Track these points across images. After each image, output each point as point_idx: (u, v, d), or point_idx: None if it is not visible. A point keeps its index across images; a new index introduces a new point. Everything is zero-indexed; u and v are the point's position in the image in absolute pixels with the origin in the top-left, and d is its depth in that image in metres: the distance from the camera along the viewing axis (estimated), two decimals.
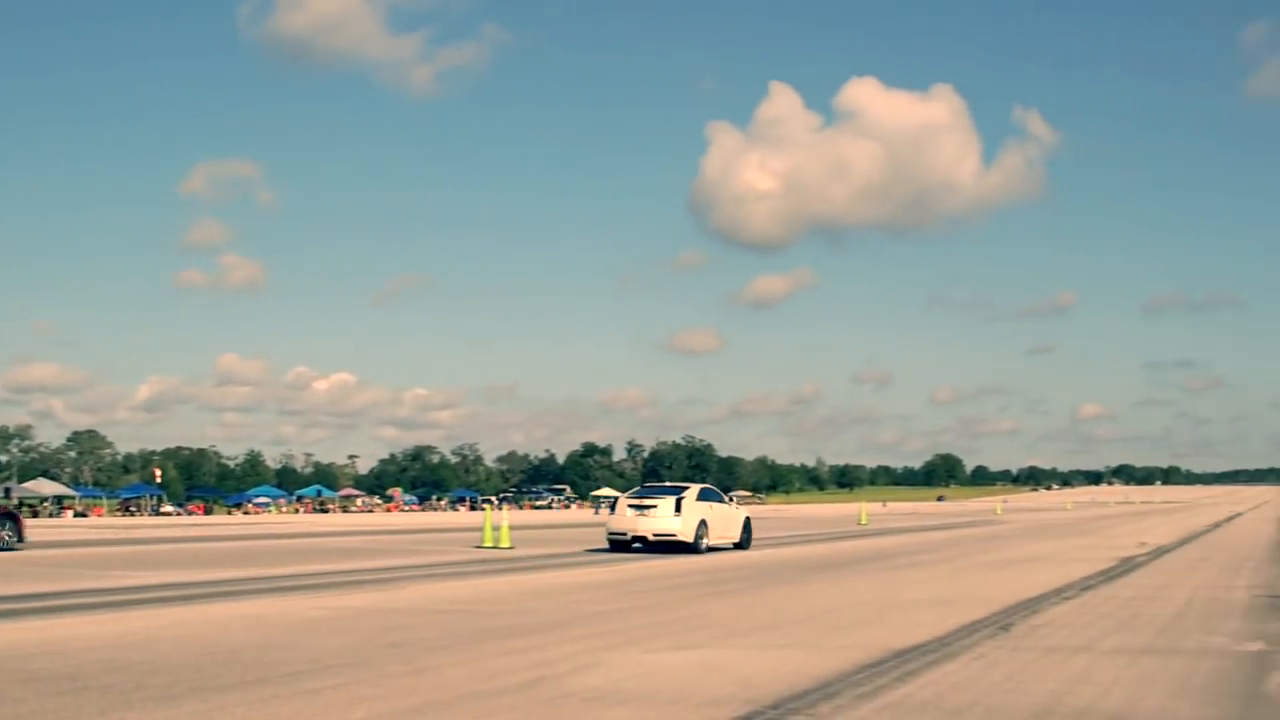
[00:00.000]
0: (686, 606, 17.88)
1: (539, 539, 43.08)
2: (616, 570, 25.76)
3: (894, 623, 15.65)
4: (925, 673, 11.40)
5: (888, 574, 24.96)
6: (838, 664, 11.90)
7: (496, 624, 15.43)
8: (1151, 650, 13.17)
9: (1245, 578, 23.90)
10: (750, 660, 12.25)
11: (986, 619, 16.03)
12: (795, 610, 17.42)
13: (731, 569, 26.37)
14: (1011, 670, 11.59)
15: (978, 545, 38.92)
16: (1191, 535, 47.37)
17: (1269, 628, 15.39)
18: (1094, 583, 22.37)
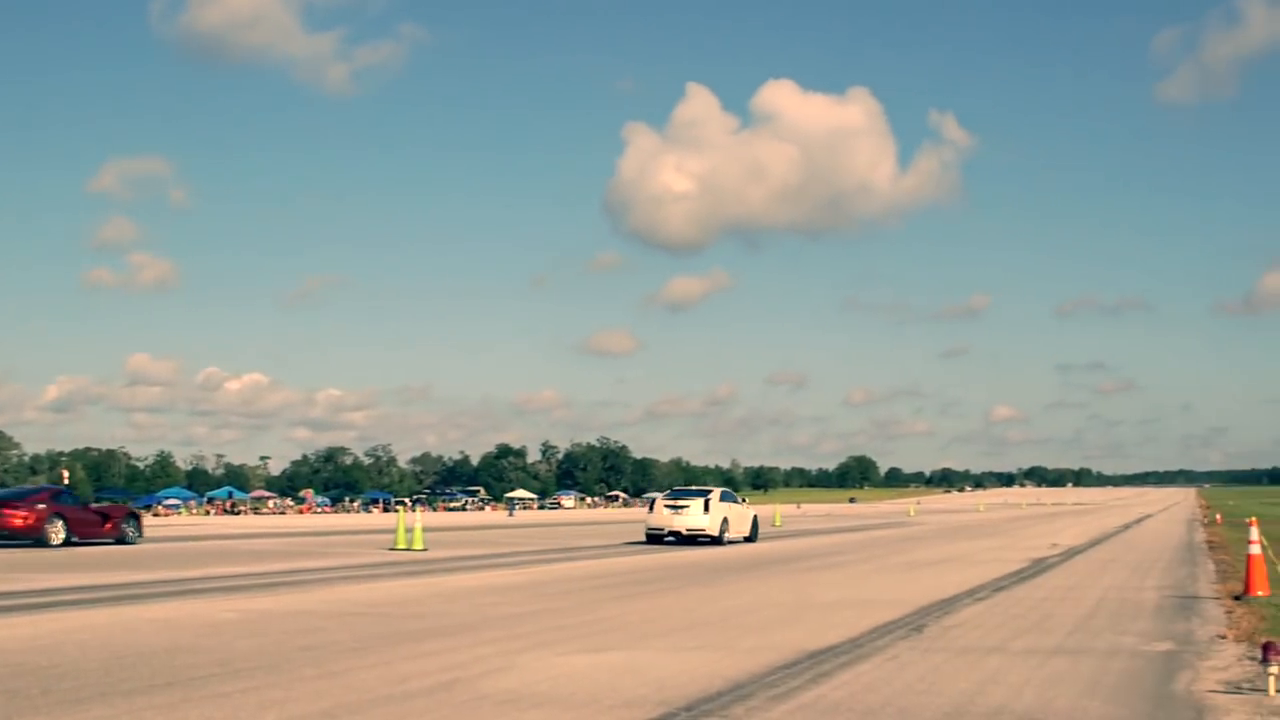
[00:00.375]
0: (600, 609, 17.84)
1: (453, 541, 42.88)
2: (529, 573, 25.68)
3: (808, 624, 15.70)
4: (838, 674, 11.43)
5: (802, 575, 25.04)
6: (751, 665, 11.91)
7: (409, 626, 15.34)
8: (1062, 651, 13.28)
9: (1155, 579, 24.17)
10: (664, 662, 12.23)
11: (900, 620, 16.11)
12: (709, 612, 17.42)
13: (647, 570, 26.37)
14: (924, 671, 11.64)
15: (891, 547, 39.14)
16: (1102, 536, 47.91)
17: (1178, 628, 15.57)
18: (1006, 584, 22.55)
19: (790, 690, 10.49)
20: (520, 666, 11.91)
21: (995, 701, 10.02)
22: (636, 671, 11.59)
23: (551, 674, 11.44)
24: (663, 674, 11.40)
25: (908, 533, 53.31)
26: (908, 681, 11.00)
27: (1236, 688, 10.85)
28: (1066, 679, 11.28)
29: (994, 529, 58.13)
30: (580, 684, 10.85)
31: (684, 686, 10.66)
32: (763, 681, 10.94)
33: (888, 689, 10.58)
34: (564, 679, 11.14)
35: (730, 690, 10.46)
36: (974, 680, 11.11)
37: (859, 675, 11.38)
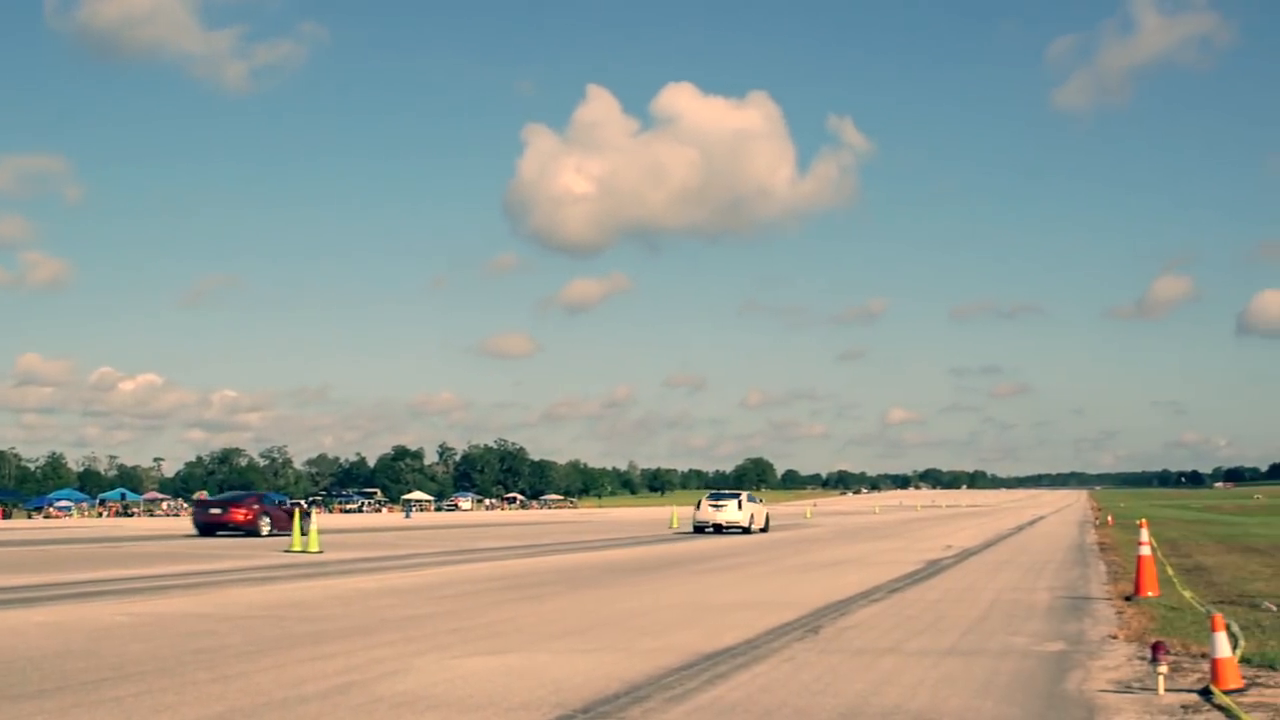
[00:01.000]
0: (496, 611, 17.79)
1: (349, 543, 42.61)
2: (426, 575, 25.55)
3: (705, 626, 15.73)
4: (735, 675, 11.47)
5: (699, 577, 25.08)
6: (648, 667, 11.92)
7: (305, 629, 15.21)
8: (956, 651, 13.40)
9: (1047, 579, 24.44)
10: (560, 664, 12.21)
11: (796, 621, 16.19)
12: (607, 614, 17.42)
13: (545, 572, 26.32)
14: (820, 672, 11.70)
15: (788, 549, 39.31)
16: (996, 538, 48.38)
17: (1069, 628, 15.75)
18: (901, 585, 22.71)
19: (687, 692, 10.50)
20: (417, 669, 11.85)
21: (890, 702, 10.09)
22: (533, 673, 11.56)
23: (448, 676, 11.38)
24: (559, 676, 11.38)
25: (804, 534, 53.56)
26: (804, 682, 11.05)
27: (1127, 687, 10.99)
28: (960, 679, 11.38)
29: (890, 531, 58.56)
30: (477, 686, 10.80)
31: (580, 688, 10.65)
32: (660, 683, 10.95)
33: (784, 690, 10.62)
34: (461, 681, 11.09)
35: (627, 692, 10.46)
36: (869, 681, 11.18)
37: (755, 676, 11.42)
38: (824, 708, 9.80)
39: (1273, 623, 15.82)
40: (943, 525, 68.11)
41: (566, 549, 37.58)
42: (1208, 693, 10.37)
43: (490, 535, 51.66)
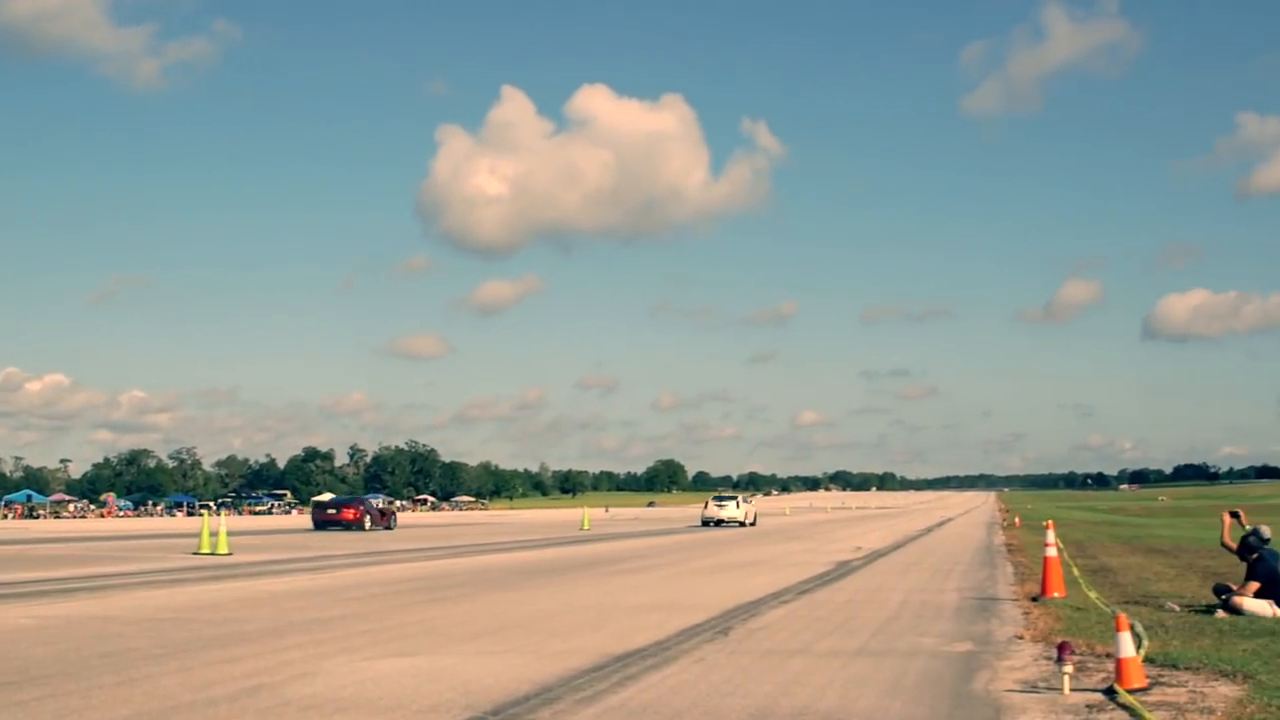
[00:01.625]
0: (405, 613, 17.71)
1: (258, 545, 42.27)
2: (335, 577, 25.40)
3: (615, 627, 15.73)
4: (645, 677, 11.48)
5: (609, 579, 25.09)
6: (558, 669, 11.91)
7: (212, 632, 15.08)
8: (865, 652, 13.48)
9: (955, 581, 24.65)
10: (470, 666, 12.18)
11: (706, 623, 16.22)
12: (516, 616, 17.38)
13: (455, 574, 26.22)
14: (730, 673, 11.73)
15: (699, 550, 39.39)
16: (905, 540, 48.72)
17: (977, 629, 15.89)
18: (811, 587, 22.81)
19: (597, 693, 10.51)
20: (326, 671, 11.78)
21: (799, 702, 10.14)
22: (443, 675, 11.52)
23: (357, 679, 11.32)
24: (469, 678, 11.35)
25: (714, 536, 53.68)
26: (714, 684, 11.08)
27: (1033, 687, 11.11)
28: (869, 680, 11.45)
29: (800, 532, 58.81)
30: (386, 688, 10.75)
31: (490, 690, 10.62)
32: (570, 685, 10.94)
33: (694, 691, 10.64)
34: (370, 683, 11.03)
35: (537, 694, 10.45)
36: (779, 682, 11.23)
37: (665, 678, 11.44)
38: (734, 709, 9.83)
39: (1176, 623, 16.04)
40: (852, 527, 68.49)
41: (477, 551, 37.50)
42: (1112, 692, 10.49)
43: (402, 537, 51.39)
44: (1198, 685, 11.02)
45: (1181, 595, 20.39)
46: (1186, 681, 11.24)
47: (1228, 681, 11.17)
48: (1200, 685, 11.02)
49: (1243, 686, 10.83)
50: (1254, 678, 11.23)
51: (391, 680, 11.25)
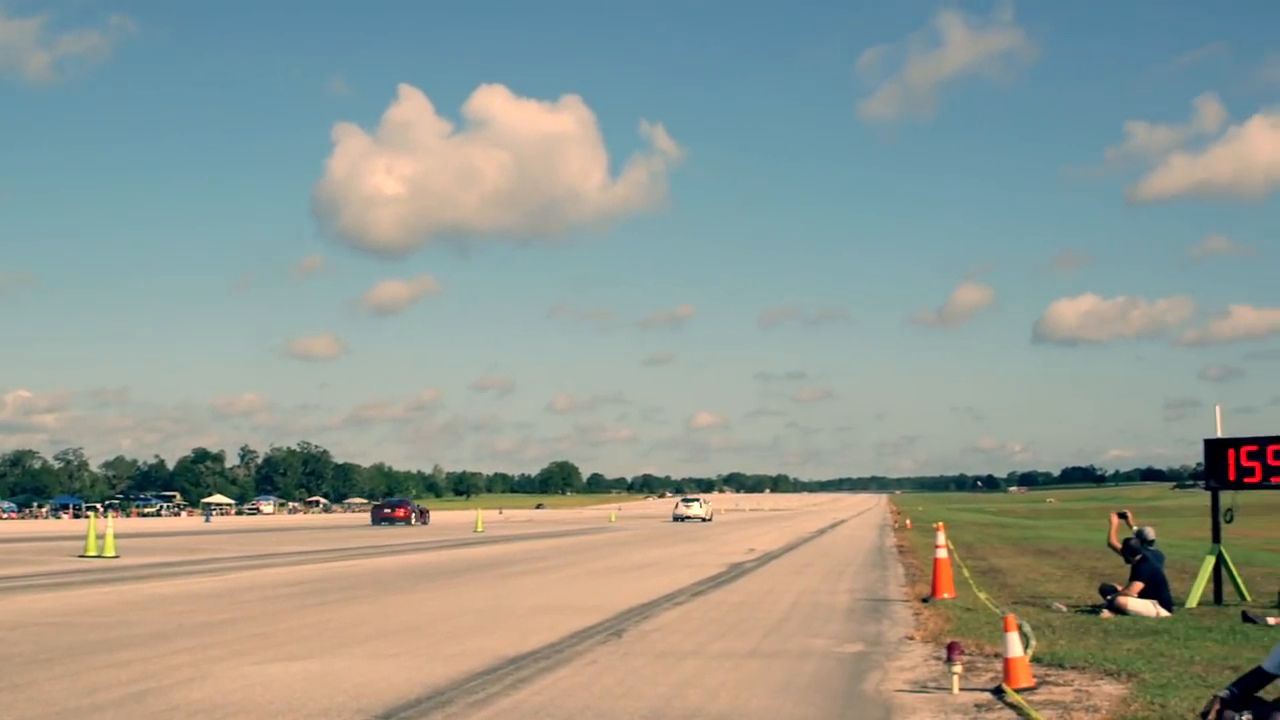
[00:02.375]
0: (296, 616, 17.57)
1: (147, 548, 41.76)
2: (225, 580, 25.15)
3: (508, 630, 15.69)
4: (538, 679, 11.46)
5: (503, 581, 25.02)
6: (450, 672, 11.87)
7: (98, 636, 14.87)
8: (758, 653, 13.54)
9: (847, 582, 24.81)
10: (362, 670, 12.10)
11: (599, 625, 16.23)
12: (408, 618, 17.29)
13: (347, 576, 26.04)
14: (623, 675, 11.74)
15: (592, 552, 39.39)
16: (798, 542, 48.95)
17: (868, 630, 16.01)
18: (704, 588, 22.88)
19: (489, 696, 10.48)
20: (215, 676, 11.65)
21: (692, 704, 10.17)
22: (334, 679, 11.44)
23: (247, 683, 11.22)
24: (360, 681, 11.28)
25: (609, 538, 53.70)
26: (606, 686, 11.09)
27: (923, 687, 11.21)
28: (761, 681, 11.50)
29: (693, 534, 58.95)
30: (276, 693, 10.66)
31: (382, 694, 10.56)
32: (462, 688, 10.91)
33: (586, 693, 10.64)
34: (260, 688, 10.93)
35: (429, 697, 10.41)
36: (671, 683, 11.25)
37: (558, 680, 11.43)
38: (626, 711, 9.84)
39: (1063, 623, 16.25)
40: (746, 529, 68.75)
41: (370, 553, 37.27)
42: (1000, 691, 10.62)
43: (292, 539, 50.98)
44: (1083, 684, 11.18)
45: (1068, 596, 20.67)
46: (1072, 681, 11.40)
47: (1112, 680, 11.34)
48: (1086, 684, 11.18)
49: (1127, 685, 10.99)
50: (1138, 676, 11.41)
51: (281, 684, 11.15)
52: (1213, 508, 19.65)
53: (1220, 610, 18.13)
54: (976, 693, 10.76)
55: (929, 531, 45.17)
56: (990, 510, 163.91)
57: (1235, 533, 26.04)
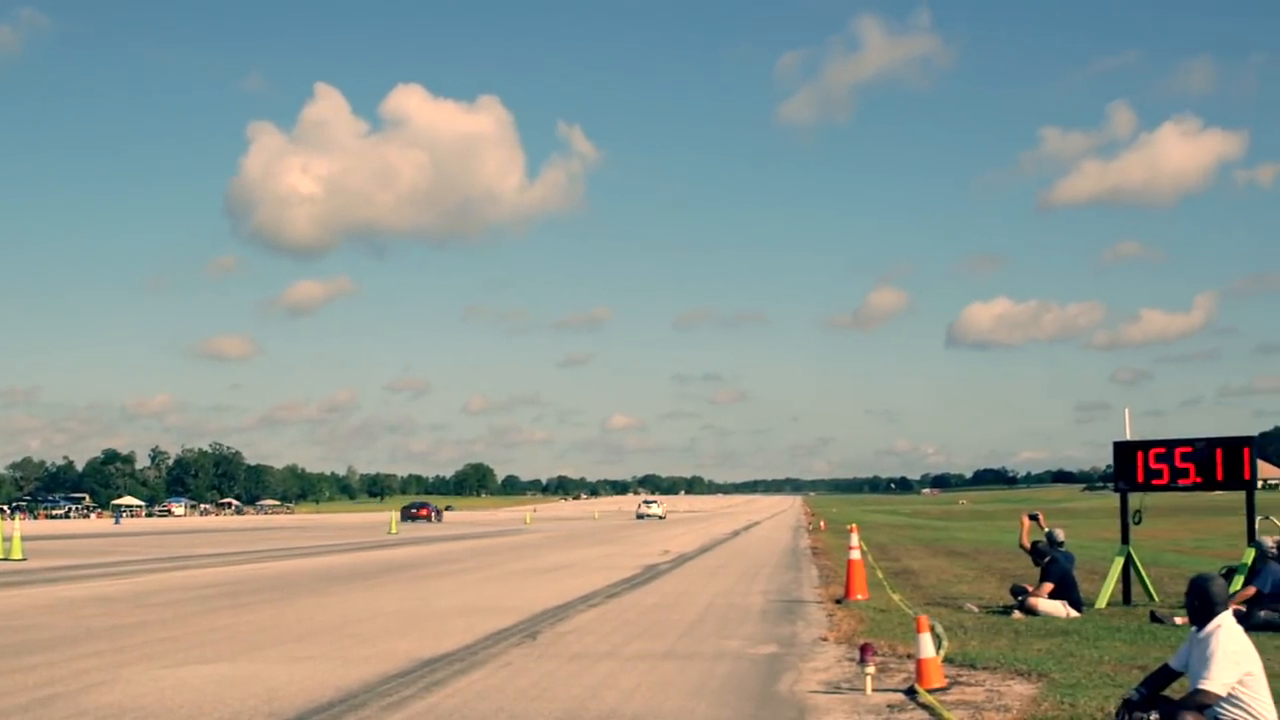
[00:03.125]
0: (208, 619, 17.43)
1: (55, 550, 41.26)
2: (135, 582, 24.89)
3: (422, 632, 15.63)
4: (452, 682, 11.43)
5: (418, 583, 24.92)
6: (364, 675, 11.82)
7: (4, 641, 14.69)
8: (672, 655, 13.57)
9: (761, 584, 24.89)
10: (274, 673, 12.02)
11: (514, 627, 16.20)
12: (322, 621, 17.20)
13: (260, 579, 25.85)
14: (537, 677, 11.73)
15: (508, 554, 39.31)
16: (712, 543, 49.04)
17: (782, 631, 16.07)
18: (619, 590, 22.89)
19: (403, 699, 10.44)
20: (125, 679, 11.54)
21: (607, 706, 10.17)
22: (247, 682, 11.36)
23: (158, 687, 11.12)
24: (274, 684, 11.21)
25: (524, 540, 53.60)
26: (521, 688, 11.07)
27: (836, 687, 11.27)
28: (675, 682, 11.52)
29: (608, 536, 58.96)
30: (188, 696, 10.57)
31: (295, 697, 10.50)
32: (376, 690, 10.86)
33: (500, 696, 10.63)
34: (171, 691, 10.84)
35: (342, 700, 10.36)
36: (586, 685, 11.26)
37: (472, 683, 11.40)
38: (541, 713, 9.84)
39: (975, 623, 16.39)
40: (661, 530, 68.83)
41: (282, 555, 37.02)
42: (913, 692, 10.70)
43: (204, 541, 50.56)
44: (995, 684, 11.28)
45: (980, 597, 20.84)
46: (984, 681, 11.51)
47: (1023, 680, 11.46)
48: (997, 684, 11.28)
49: (1037, 685, 11.11)
50: (1048, 676, 11.53)
51: (193, 688, 11.06)
52: (1122, 509, 19.88)
53: (1129, 610, 18.34)
54: (889, 693, 10.83)
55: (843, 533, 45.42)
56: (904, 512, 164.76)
57: (1143, 534, 26.37)
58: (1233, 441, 18.77)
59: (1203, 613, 8.39)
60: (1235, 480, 18.57)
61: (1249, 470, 18.53)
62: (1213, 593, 8.38)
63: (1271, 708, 8.22)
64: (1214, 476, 18.72)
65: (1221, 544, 49.67)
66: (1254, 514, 18.35)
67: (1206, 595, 8.39)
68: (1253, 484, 18.58)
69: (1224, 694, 8.09)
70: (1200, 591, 8.41)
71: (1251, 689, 8.18)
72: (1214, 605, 8.36)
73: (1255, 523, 18.28)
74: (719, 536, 57.64)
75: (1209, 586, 8.41)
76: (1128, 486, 19.56)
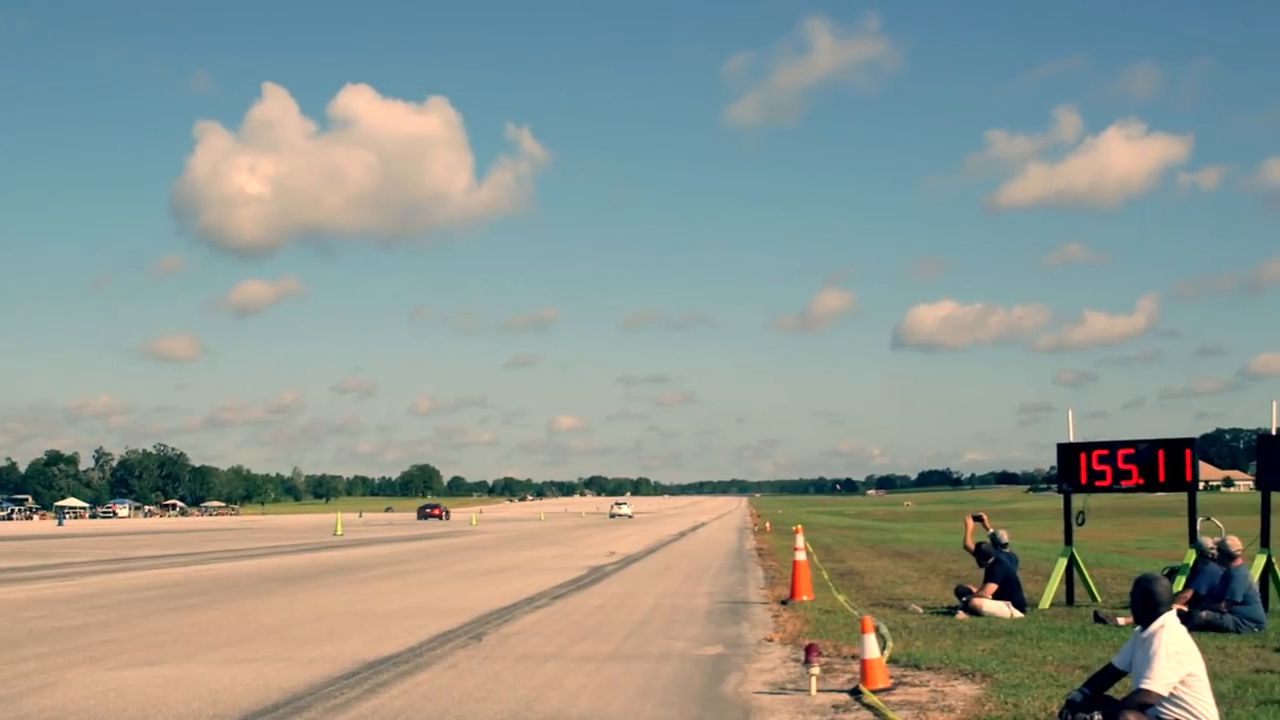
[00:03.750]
0: (151, 621, 17.32)
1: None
2: (79, 585, 24.72)
3: (368, 634, 15.59)
4: (397, 683, 11.41)
5: (363, 585, 24.84)
6: (308, 677, 11.77)
7: None
8: (618, 656, 13.57)
9: (706, 585, 24.92)
10: (218, 675, 11.95)
11: (460, 629, 16.17)
12: (266, 623, 17.12)
13: (204, 581, 25.72)
14: (483, 679, 11.72)
15: (454, 556, 39.21)
16: (658, 545, 49.05)
17: (727, 632, 16.09)
18: (565, 591, 22.88)
19: (348, 701, 10.41)
20: (67, 682, 11.46)
21: (552, 707, 10.17)
22: (191, 685, 11.30)
23: (100, 689, 11.04)
24: (218, 687, 11.16)
25: (470, 541, 53.48)
26: (467, 689, 11.06)
27: (781, 688, 11.30)
28: (621, 684, 11.53)
29: (554, 537, 58.89)
30: (131, 699, 10.51)
31: (239, 699, 10.46)
32: (321, 693, 10.83)
33: (446, 698, 10.61)
34: (114, 694, 10.77)
35: (287, 702, 10.32)
36: (532, 686, 11.25)
37: (418, 684, 11.38)
38: (486, 715, 9.83)
39: (919, 624, 16.46)
40: (607, 532, 68.82)
41: (227, 557, 36.83)
42: (858, 692, 10.73)
43: (148, 543, 50.24)
44: (939, 685, 11.34)
45: (925, 598, 20.94)
46: (928, 681, 11.56)
47: (967, 681, 11.52)
48: (941, 685, 11.34)
49: (981, 685, 11.17)
50: (992, 676, 11.59)
51: (136, 690, 10.99)
52: (1065, 511, 20.01)
53: (1072, 611, 18.47)
54: (834, 694, 10.87)
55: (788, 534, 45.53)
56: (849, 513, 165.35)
57: (1087, 535, 26.54)
58: (1175, 443, 18.95)
59: (1146, 612, 8.45)
60: (1177, 482, 18.74)
61: (1191, 472, 18.69)
62: (1156, 593, 8.43)
63: (1213, 708, 8.30)
64: (1156, 478, 18.89)
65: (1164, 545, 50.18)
66: (1195, 515, 18.50)
67: (1150, 595, 8.44)
68: (1194, 485, 18.74)
69: (1166, 694, 8.15)
70: (1144, 591, 8.47)
71: (1194, 689, 8.24)
72: (1158, 605, 8.42)
73: (1197, 524, 18.43)
74: (665, 538, 57.66)
75: (1153, 586, 8.46)
76: (1071, 488, 19.69)
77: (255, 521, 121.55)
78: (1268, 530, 18.34)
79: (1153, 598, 8.44)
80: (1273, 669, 12.23)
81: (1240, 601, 15.84)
